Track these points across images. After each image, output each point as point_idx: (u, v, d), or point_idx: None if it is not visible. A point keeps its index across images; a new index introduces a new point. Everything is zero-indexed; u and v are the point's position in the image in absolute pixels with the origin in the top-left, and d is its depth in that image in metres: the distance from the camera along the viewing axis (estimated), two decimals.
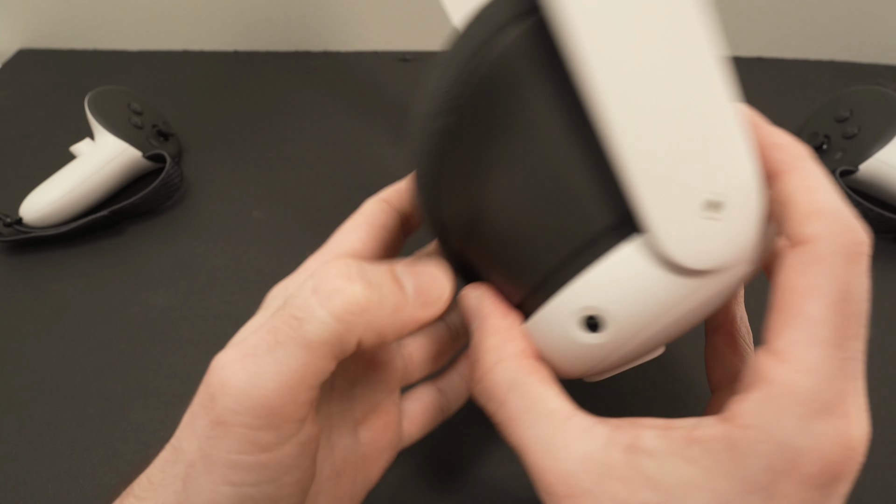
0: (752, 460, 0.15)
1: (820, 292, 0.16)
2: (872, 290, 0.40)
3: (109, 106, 0.44)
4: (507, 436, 0.18)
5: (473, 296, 0.20)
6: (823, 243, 0.16)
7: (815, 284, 0.16)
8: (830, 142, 0.44)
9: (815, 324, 0.15)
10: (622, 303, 0.17)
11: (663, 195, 0.16)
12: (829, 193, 0.16)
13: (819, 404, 0.15)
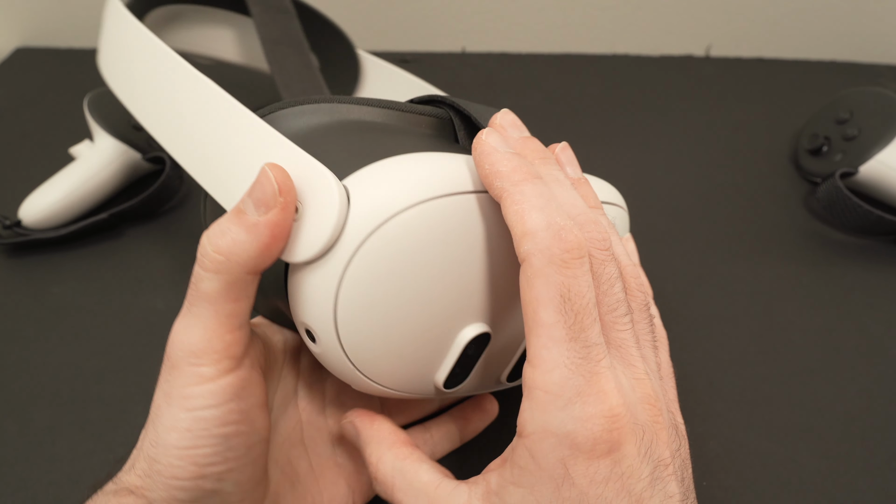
0: (546, 460, 0.18)
1: (545, 300, 0.18)
2: (874, 290, 0.40)
3: (109, 107, 0.44)
4: None
5: (345, 423, 0.25)
6: (536, 258, 0.19)
7: (540, 295, 0.19)
8: (831, 143, 0.43)
9: (549, 327, 0.18)
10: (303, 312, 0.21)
11: None
12: (536, 213, 0.19)
13: (572, 391, 0.18)
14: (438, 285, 0.21)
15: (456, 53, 0.58)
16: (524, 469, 0.19)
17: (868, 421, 0.32)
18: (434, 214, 0.20)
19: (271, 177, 0.20)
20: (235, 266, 0.20)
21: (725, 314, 0.37)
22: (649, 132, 0.50)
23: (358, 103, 0.23)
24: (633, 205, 0.43)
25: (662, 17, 0.57)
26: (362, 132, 0.23)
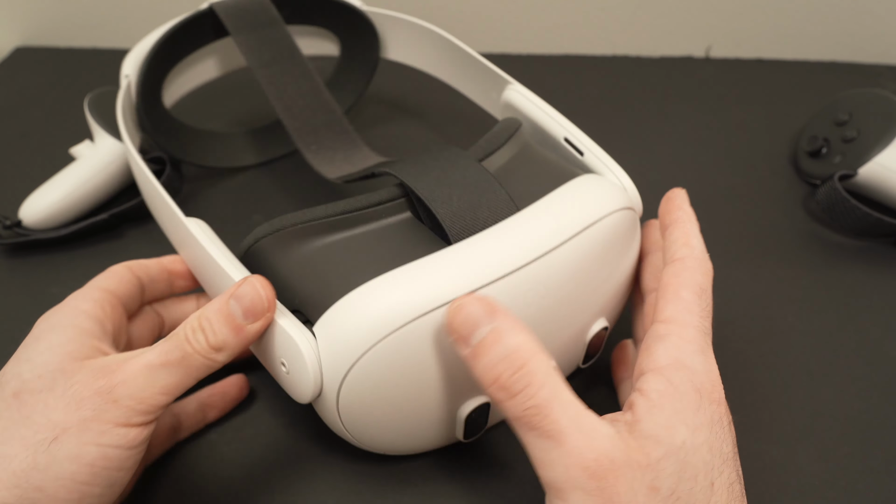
0: (683, 385, 0.23)
1: (688, 286, 0.25)
2: (873, 292, 0.40)
3: (109, 107, 0.44)
4: (538, 421, 0.21)
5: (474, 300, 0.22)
6: (689, 261, 0.26)
7: (685, 281, 0.25)
8: (829, 145, 0.44)
9: (688, 302, 0.25)
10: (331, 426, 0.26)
11: None
12: (698, 239, 0.27)
13: (699, 346, 0.24)
14: (426, 386, 0.24)
15: None
16: (663, 393, 0.22)
17: (867, 423, 0.32)
18: (401, 340, 0.23)
19: (262, 293, 0.23)
20: (218, 359, 0.23)
21: (724, 316, 0.37)
22: (649, 133, 0.50)
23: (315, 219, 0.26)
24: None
25: (662, 17, 0.57)
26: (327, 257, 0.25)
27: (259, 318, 0.23)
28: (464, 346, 0.22)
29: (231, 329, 0.23)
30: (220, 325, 0.23)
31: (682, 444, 0.21)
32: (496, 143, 0.29)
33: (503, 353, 0.21)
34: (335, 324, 0.23)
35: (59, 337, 0.24)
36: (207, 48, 0.41)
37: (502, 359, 0.21)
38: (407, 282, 0.23)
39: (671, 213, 0.28)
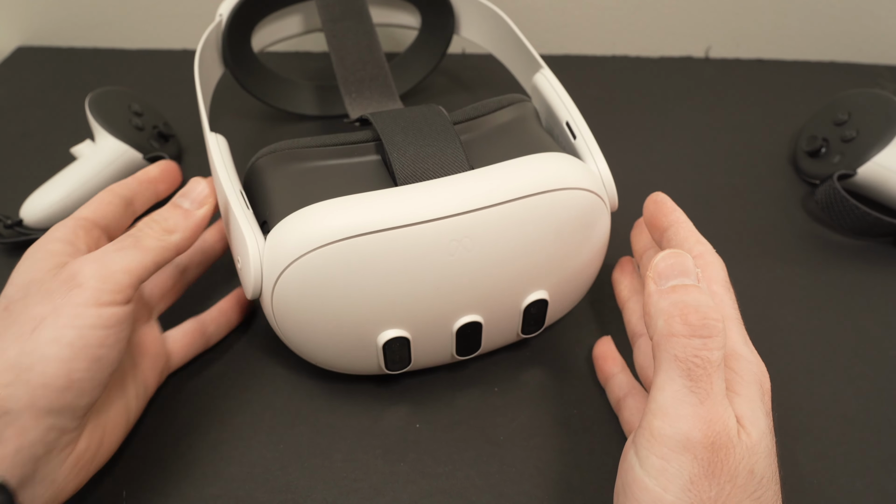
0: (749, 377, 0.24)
1: (717, 281, 0.27)
2: (872, 291, 0.40)
3: (110, 107, 0.44)
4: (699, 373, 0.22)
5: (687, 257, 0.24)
6: (708, 256, 0.27)
7: (713, 276, 0.27)
8: (829, 145, 0.44)
9: (721, 296, 0.26)
10: None
11: None
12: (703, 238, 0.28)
13: (743, 337, 0.26)
14: (347, 302, 0.27)
15: (457, 55, 0.58)
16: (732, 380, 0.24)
17: (866, 422, 0.32)
18: (329, 254, 0.26)
19: (203, 185, 0.30)
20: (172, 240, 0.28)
21: None
22: (648, 133, 0.50)
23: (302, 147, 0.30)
24: (631, 206, 0.43)
25: (662, 18, 0.57)
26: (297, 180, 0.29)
27: (204, 204, 0.30)
28: (657, 281, 0.24)
29: (181, 214, 0.29)
30: (170, 213, 0.29)
31: (766, 429, 0.22)
32: (482, 111, 0.32)
33: (699, 302, 0.22)
34: (281, 232, 0.27)
35: (33, 259, 0.26)
36: (295, 7, 0.46)
37: (699, 306, 0.22)
38: (344, 209, 0.26)
39: (667, 215, 0.29)
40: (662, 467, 0.21)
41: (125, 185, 0.31)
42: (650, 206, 0.30)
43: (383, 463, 0.30)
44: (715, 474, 0.21)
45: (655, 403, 0.22)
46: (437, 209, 0.26)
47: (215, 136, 0.32)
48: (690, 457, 0.21)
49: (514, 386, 0.33)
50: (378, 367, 0.31)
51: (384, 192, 0.27)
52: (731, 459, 0.21)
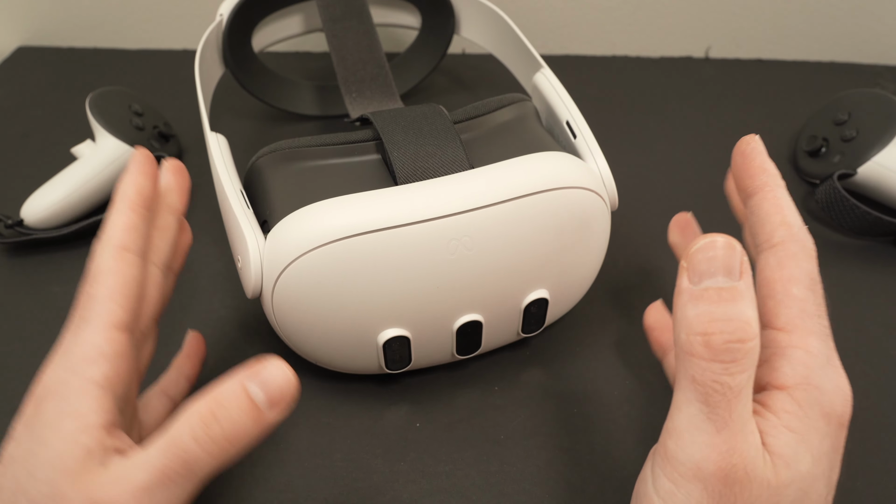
0: (811, 410, 0.20)
1: (798, 279, 0.22)
2: (872, 291, 0.40)
3: (110, 107, 0.44)
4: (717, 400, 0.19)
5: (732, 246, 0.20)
6: (791, 245, 0.22)
7: (793, 274, 0.22)
8: (829, 145, 0.44)
9: (802, 301, 0.21)
10: None
11: None
12: (793, 212, 0.23)
13: (825, 358, 0.21)
14: (347, 301, 0.27)
15: (457, 55, 0.58)
16: (793, 415, 0.20)
17: (866, 422, 0.32)
18: (329, 253, 0.26)
19: (293, 381, 0.21)
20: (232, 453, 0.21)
21: None
22: (648, 133, 0.50)
23: (313, 144, 0.30)
24: (631, 206, 0.43)
25: (662, 18, 0.57)
26: (297, 179, 0.29)
27: (284, 404, 0.21)
28: (690, 278, 0.20)
29: (252, 418, 0.21)
30: (240, 412, 0.20)
31: (806, 473, 0.20)
32: (482, 110, 0.32)
33: (731, 315, 0.19)
34: (281, 232, 0.27)
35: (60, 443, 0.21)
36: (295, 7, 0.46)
37: (728, 320, 0.19)
38: (344, 208, 0.26)
39: (754, 176, 0.24)
40: (671, 491, 0.20)
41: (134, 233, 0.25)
42: (737, 158, 0.25)
43: (383, 462, 0.30)
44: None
45: (671, 423, 0.21)
46: (437, 208, 0.26)
47: (216, 136, 0.32)
48: (700, 486, 0.19)
49: (514, 385, 0.33)
50: (378, 367, 0.31)
51: (384, 192, 0.27)
52: (746, 495, 0.19)
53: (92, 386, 0.22)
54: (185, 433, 0.20)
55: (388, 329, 0.29)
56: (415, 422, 0.32)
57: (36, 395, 0.23)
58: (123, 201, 0.25)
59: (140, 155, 0.26)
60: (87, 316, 0.23)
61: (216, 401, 0.21)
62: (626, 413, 0.32)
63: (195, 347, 0.32)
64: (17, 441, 0.22)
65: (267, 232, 0.28)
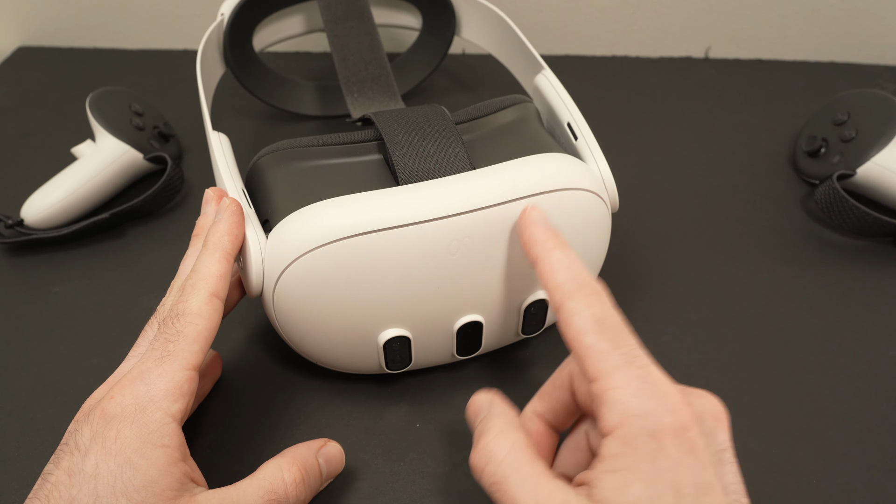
0: (637, 439, 0.20)
1: (584, 330, 0.22)
2: (872, 291, 0.40)
3: (111, 107, 0.44)
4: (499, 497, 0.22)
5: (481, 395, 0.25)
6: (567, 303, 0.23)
7: (579, 327, 0.23)
8: (828, 145, 0.44)
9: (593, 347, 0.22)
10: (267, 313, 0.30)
11: None
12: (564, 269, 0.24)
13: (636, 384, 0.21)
14: (348, 300, 0.27)
15: (457, 55, 0.58)
16: (616, 456, 0.21)
17: (866, 422, 0.32)
18: (330, 253, 0.26)
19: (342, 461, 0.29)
20: None
21: (723, 315, 0.37)
22: (648, 134, 0.50)
23: (315, 144, 0.30)
24: (631, 206, 0.43)
25: (661, 18, 0.57)
26: (299, 179, 0.29)
27: (331, 479, 0.28)
28: None
29: (316, 486, 0.27)
30: (315, 480, 0.27)
31: (635, 499, 0.20)
32: (484, 111, 0.32)
33: (478, 439, 0.23)
34: (282, 231, 0.27)
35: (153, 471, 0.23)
36: (297, 7, 0.46)
37: (476, 444, 0.23)
38: (345, 207, 0.26)
39: (528, 251, 0.26)
40: None
41: None
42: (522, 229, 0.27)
43: (383, 462, 0.30)
44: None
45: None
46: (438, 209, 0.26)
47: (218, 135, 0.32)
48: None
49: (515, 386, 0.33)
50: (378, 367, 0.31)
51: (386, 192, 0.27)
52: None
53: (171, 420, 0.23)
54: (282, 487, 0.25)
55: (389, 329, 0.29)
56: (415, 422, 0.32)
57: (107, 411, 0.23)
58: (220, 249, 0.27)
59: (234, 205, 0.28)
60: (174, 351, 0.24)
61: (305, 467, 0.26)
62: None
63: (212, 368, 0.33)
64: (87, 455, 0.23)
65: (268, 231, 0.28)
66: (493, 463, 0.22)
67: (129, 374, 0.24)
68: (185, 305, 0.25)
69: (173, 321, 0.25)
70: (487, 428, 0.23)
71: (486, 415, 0.24)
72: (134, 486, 0.22)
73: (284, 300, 0.27)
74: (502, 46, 0.44)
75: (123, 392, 0.23)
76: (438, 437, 0.31)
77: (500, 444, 0.22)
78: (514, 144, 0.31)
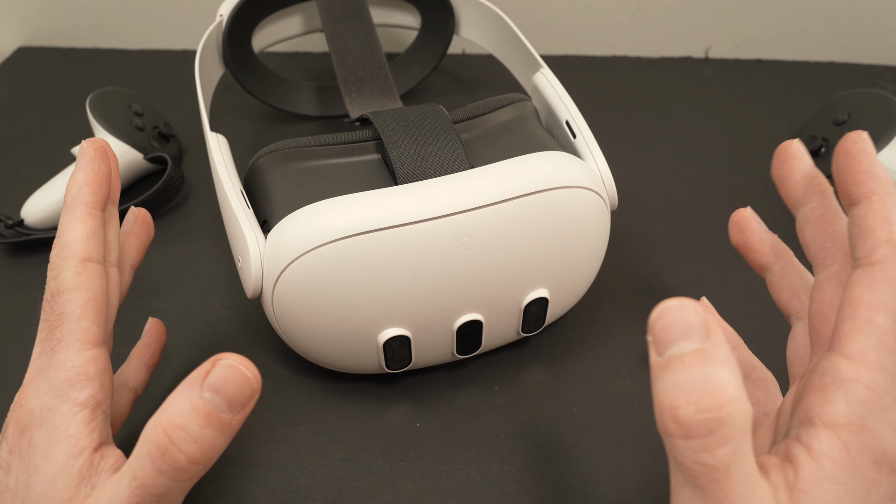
0: (861, 457, 0.18)
1: (888, 307, 0.18)
2: None
3: (111, 107, 0.44)
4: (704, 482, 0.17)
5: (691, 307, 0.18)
6: (892, 268, 0.18)
7: (885, 300, 0.18)
8: (828, 145, 0.44)
9: (884, 333, 0.18)
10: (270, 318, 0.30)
11: None
12: None
13: (890, 399, 0.18)
14: (347, 300, 0.27)
15: (457, 55, 0.58)
16: (838, 463, 0.18)
17: None
18: (329, 253, 0.26)
19: (250, 377, 0.19)
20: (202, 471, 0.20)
21: (723, 315, 0.37)
22: (648, 134, 0.50)
23: (313, 144, 0.30)
24: (631, 205, 0.43)
25: (661, 18, 0.57)
26: (298, 179, 0.29)
27: (247, 404, 0.20)
28: (656, 351, 0.18)
29: (217, 429, 0.19)
30: (202, 427, 0.19)
31: None
32: (482, 110, 0.32)
33: (698, 381, 0.17)
34: (281, 231, 0.27)
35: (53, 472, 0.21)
36: (295, 7, 0.46)
37: (696, 389, 0.16)
38: (344, 207, 0.26)
39: (861, 182, 0.20)
40: None
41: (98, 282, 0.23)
42: (840, 159, 0.21)
43: (383, 462, 0.30)
44: None
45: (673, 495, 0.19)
46: (437, 208, 0.26)
47: (216, 136, 0.32)
48: None
49: (515, 385, 0.33)
50: (378, 366, 0.31)
51: (385, 191, 0.27)
52: None
53: (80, 409, 0.22)
54: (147, 466, 0.19)
55: (389, 329, 0.29)
56: (415, 422, 0.32)
57: (19, 420, 0.22)
58: (79, 206, 0.23)
59: (90, 148, 0.24)
60: (62, 337, 0.22)
61: (172, 423, 0.19)
62: (626, 413, 0.32)
63: (155, 336, 0.31)
64: (9, 470, 0.22)
65: (267, 232, 0.28)
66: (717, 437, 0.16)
67: (27, 375, 0.23)
68: (56, 283, 0.23)
69: (51, 304, 0.23)
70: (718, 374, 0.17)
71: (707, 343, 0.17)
72: (36, 494, 0.21)
73: (284, 301, 0.28)
74: (501, 45, 0.44)
75: (28, 396, 0.22)
76: (438, 436, 0.31)
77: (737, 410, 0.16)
78: (512, 143, 0.31)
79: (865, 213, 0.20)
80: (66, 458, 0.21)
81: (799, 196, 0.24)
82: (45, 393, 0.22)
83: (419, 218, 0.26)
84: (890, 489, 0.18)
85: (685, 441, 0.17)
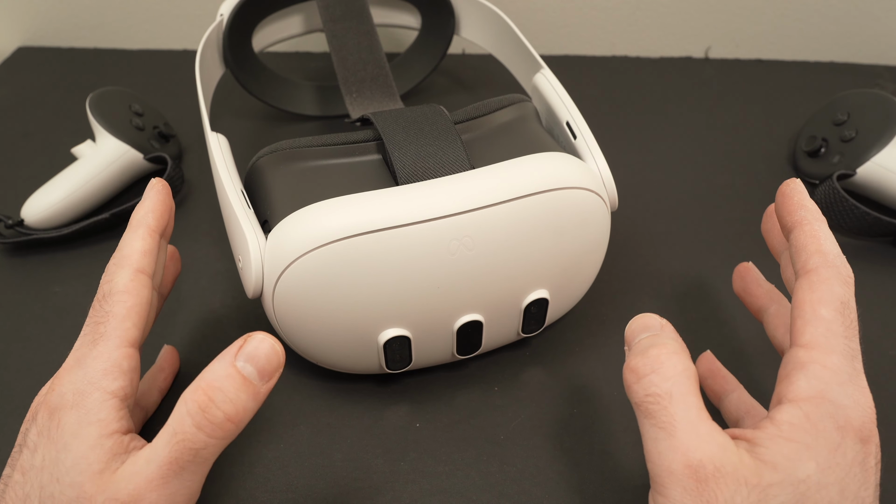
0: (822, 423, 0.21)
1: (827, 301, 0.22)
2: (872, 291, 0.40)
3: (111, 107, 0.44)
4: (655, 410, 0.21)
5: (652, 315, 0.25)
6: (824, 271, 0.23)
7: (823, 297, 0.22)
8: (828, 145, 0.44)
9: (829, 322, 0.22)
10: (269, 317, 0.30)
11: None
12: (830, 242, 0.24)
13: (846, 375, 0.21)
14: (348, 300, 0.27)
15: (457, 55, 0.58)
16: (796, 427, 0.21)
17: None
18: (330, 254, 0.26)
19: (278, 349, 0.23)
20: (235, 431, 0.22)
21: (723, 315, 0.37)
22: (648, 134, 0.50)
23: (314, 144, 0.30)
24: (631, 206, 0.43)
25: (661, 18, 0.57)
26: (298, 180, 0.29)
27: (274, 375, 0.23)
28: (627, 347, 0.24)
29: (248, 394, 0.22)
30: (235, 391, 0.22)
31: (805, 478, 0.20)
32: (483, 111, 0.32)
33: (648, 348, 0.22)
34: (282, 232, 0.27)
35: (84, 448, 0.22)
36: (296, 7, 0.46)
37: (645, 352, 0.22)
38: (345, 208, 0.26)
39: (792, 213, 0.25)
40: None
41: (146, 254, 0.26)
42: (777, 198, 0.26)
43: (384, 462, 0.30)
44: (710, 502, 0.20)
45: (645, 450, 0.22)
46: (438, 208, 0.26)
47: (216, 136, 0.32)
48: (679, 489, 0.20)
49: (515, 385, 0.33)
50: (379, 367, 0.31)
51: (385, 192, 0.27)
52: (722, 489, 0.20)
53: (111, 397, 0.23)
54: (188, 423, 0.21)
55: (389, 329, 0.29)
56: (415, 422, 0.32)
57: (49, 403, 0.23)
58: (143, 226, 0.27)
59: (159, 184, 0.28)
60: (105, 332, 0.24)
61: (211, 385, 0.22)
62: (626, 413, 0.32)
63: (170, 361, 0.33)
64: (35, 450, 0.23)
65: (268, 232, 0.28)
66: (659, 374, 0.22)
67: (66, 363, 0.24)
68: (110, 285, 0.25)
69: (101, 302, 0.25)
70: (662, 343, 0.23)
71: (658, 332, 0.23)
72: (66, 468, 0.22)
73: (284, 301, 0.28)
74: (501, 46, 0.44)
75: (63, 382, 0.24)
76: (438, 437, 0.31)
77: (674, 361, 0.22)
78: (512, 144, 0.31)
79: (798, 234, 0.25)
80: (98, 436, 0.22)
81: (763, 303, 0.29)
82: (80, 379, 0.23)
83: (420, 218, 0.26)
84: (859, 456, 0.21)
85: (638, 384, 0.22)
